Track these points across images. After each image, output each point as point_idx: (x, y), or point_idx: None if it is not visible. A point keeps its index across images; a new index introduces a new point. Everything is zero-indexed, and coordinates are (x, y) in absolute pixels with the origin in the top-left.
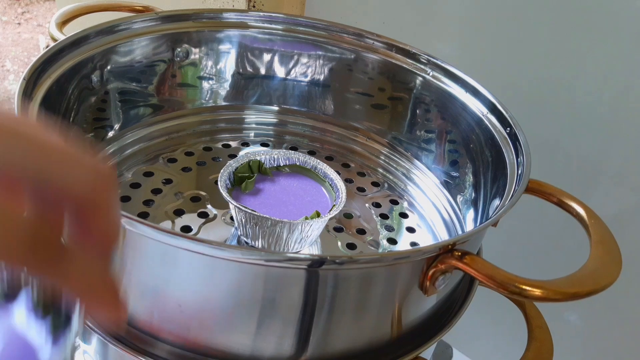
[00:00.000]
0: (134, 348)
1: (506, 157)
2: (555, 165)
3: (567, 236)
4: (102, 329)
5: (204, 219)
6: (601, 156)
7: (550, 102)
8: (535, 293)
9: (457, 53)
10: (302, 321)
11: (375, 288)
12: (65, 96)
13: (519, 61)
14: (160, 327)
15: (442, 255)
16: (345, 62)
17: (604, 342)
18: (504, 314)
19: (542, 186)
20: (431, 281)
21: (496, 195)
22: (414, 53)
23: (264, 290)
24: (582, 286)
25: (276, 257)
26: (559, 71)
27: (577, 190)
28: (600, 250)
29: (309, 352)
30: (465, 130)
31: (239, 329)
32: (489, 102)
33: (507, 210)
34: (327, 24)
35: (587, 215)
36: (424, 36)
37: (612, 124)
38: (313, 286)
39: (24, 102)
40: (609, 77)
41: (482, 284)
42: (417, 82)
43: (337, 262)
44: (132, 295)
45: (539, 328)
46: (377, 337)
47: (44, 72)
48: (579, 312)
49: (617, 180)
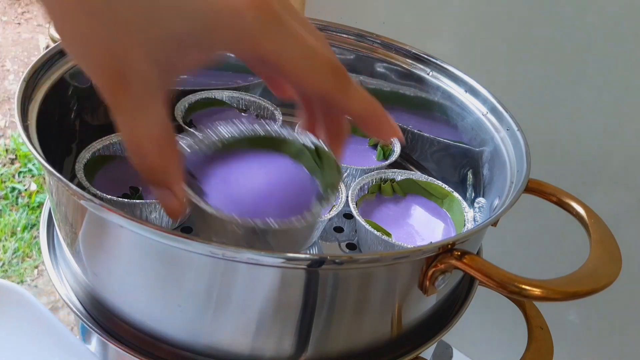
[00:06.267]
0: (133, 348)
1: (506, 157)
2: (555, 165)
3: (567, 236)
4: (101, 328)
5: None
6: (601, 156)
7: (550, 102)
8: (535, 293)
9: (457, 53)
10: (302, 321)
11: (375, 288)
12: (66, 96)
13: (519, 61)
14: (160, 327)
15: (442, 255)
16: (345, 62)
17: (604, 342)
18: (504, 314)
19: (542, 186)
20: (431, 281)
21: (496, 195)
22: (414, 53)
23: (264, 290)
24: (582, 286)
25: (276, 257)
26: (559, 71)
27: (577, 190)
28: (600, 250)
29: (309, 352)
30: (465, 130)
31: (239, 329)
32: (489, 102)
33: (507, 210)
34: (327, 24)
35: (587, 215)
36: (424, 36)
37: (612, 124)
38: (313, 286)
39: (23, 103)
40: (609, 77)
41: (482, 283)
42: (416, 82)
43: (337, 262)
44: (132, 295)
45: (539, 328)
46: (377, 337)
47: (44, 73)
48: (579, 312)
49: (617, 180)
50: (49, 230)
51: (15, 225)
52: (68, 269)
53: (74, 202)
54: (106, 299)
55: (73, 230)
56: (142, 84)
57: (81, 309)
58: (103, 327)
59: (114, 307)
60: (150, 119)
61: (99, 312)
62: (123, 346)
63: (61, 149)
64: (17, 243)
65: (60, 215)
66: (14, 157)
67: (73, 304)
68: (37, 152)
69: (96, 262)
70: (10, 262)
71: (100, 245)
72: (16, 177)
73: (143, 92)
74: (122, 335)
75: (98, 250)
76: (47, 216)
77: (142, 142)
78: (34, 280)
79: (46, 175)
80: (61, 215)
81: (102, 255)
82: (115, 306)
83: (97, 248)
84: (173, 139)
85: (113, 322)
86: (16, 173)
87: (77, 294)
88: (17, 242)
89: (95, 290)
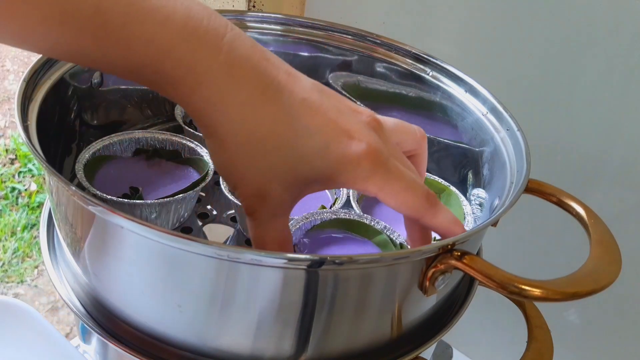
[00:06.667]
0: (134, 348)
1: (506, 157)
2: (555, 165)
3: (567, 236)
4: (102, 329)
5: (204, 219)
6: (601, 156)
7: (550, 102)
8: (535, 293)
9: (457, 53)
10: (302, 321)
11: (375, 288)
12: (66, 96)
13: (519, 61)
14: (160, 327)
15: (442, 255)
16: (345, 62)
17: (604, 342)
18: (504, 314)
19: (542, 186)
20: (431, 281)
21: (496, 195)
22: (414, 53)
23: (265, 291)
24: (582, 286)
25: (277, 257)
26: (559, 71)
27: (577, 190)
28: (600, 250)
29: (309, 352)
30: (465, 130)
31: (239, 329)
32: (489, 102)
33: (507, 210)
34: (327, 24)
35: (587, 215)
36: (424, 36)
37: (612, 124)
38: (313, 286)
39: (23, 103)
40: (609, 77)
41: (481, 284)
42: (416, 82)
43: (336, 262)
44: (132, 296)
45: (539, 328)
46: (377, 337)
47: (44, 73)
48: (579, 312)
49: (617, 180)
50: (49, 230)
51: (15, 225)
52: (68, 269)
53: (74, 202)
54: (106, 299)
55: (73, 230)
56: (276, 204)
57: (81, 309)
58: (103, 327)
59: (114, 307)
60: (276, 228)
61: (99, 312)
62: (123, 346)
63: (61, 149)
64: (17, 243)
65: (60, 215)
66: (14, 157)
67: (73, 304)
68: (37, 152)
69: (96, 262)
70: (10, 262)
71: (100, 246)
72: (16, 177)
73: (275, 209)
74: (122, 336)
75: (98, 251)
76: (47, 216)
77: (267, 244)
78: (34, 280)
79: (46, 175)
80: (61, 215)
81: (102, 256)
82: (115, 306)
83: (98, 248)
84: (290, 241)
85: (113, 322)
86: (16, 173)
87: (77, 294)
88: (17, 242)
89: (95, 290)
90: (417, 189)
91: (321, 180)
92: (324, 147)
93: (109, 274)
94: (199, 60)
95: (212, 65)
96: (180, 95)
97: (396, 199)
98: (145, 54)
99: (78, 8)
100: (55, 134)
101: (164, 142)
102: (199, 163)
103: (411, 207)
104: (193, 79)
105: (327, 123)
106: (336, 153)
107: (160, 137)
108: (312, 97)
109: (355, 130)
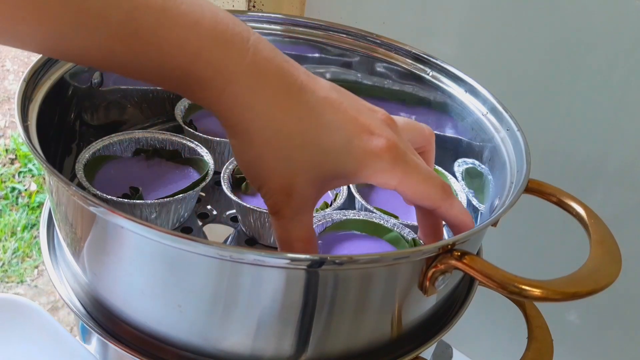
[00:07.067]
0: (134, 348)
1: (506, 157)
2: (555, 165)
3: (567, 236)
4: (102, 329)
5: (204, 219)
6: (601, 156)
7: (551, 102)
8: (535, 293)
9: (457, 53)
10: (302, 321)
11: (375, 288)
12: (66, 96)
13: (519, 61)
14: (160, 327)
15: (442, 255)
16: (345, 62)
17: (604, 342)
18: (504, 314)
19: (542, 186)
20: (431, 281)
21: (496, 195)
22: (414, 53)
23: (264, 290)
24: (582, 286)
25: (279, 257)
26: (559, 71)
27: (577, 190)
28: (600, 250)
29: (309, 352)
30: (465, 130)
31: (239, 329)
32: (489, 102)
33: (507, 210)
34: (327, 24)
35: (587, 215)
36: (424, 36)
37: (612, 124)
38: (313, 286)
39: (23, 103)
40: (609, 77)
41: (482, 284)
42: (416, 82)
43: (337, 262)
44: (132, 296)
45: (539, 328)
46: (377, 337)
47: (44, 73)
48: (579, 312)
49: (617, 181)
50: (49, 230)
51: (15, 225)
52: (68, 269)
53: (74, 202)
54: (106, 299)
55: (73, 230)
56: (301, 200)
57: (81, 309)
58: (103, 327)
59: (114, 307)
60: (302, 227)
61: (99, 312)
62: (123, 346)
63: (61, 149)
64: (17, 243)
65: (60, 215)
66: (14, 157)
67: (73, 304)
68: (37, 152)
69: (96, 262)
70: (10, 262)
71: (100, 246)
72: (16, 177)
73: (300, 206)
74: (122, 336)
75: (98, 251)
76: (47, 216)
77: (293, 242)
78: (34, 280)
79: (46, 175)
80: (61, 215)
81: (102, 256)
82: (115, 306)
83: (98, 248)
84: (315, 239)
85: (113, 322)
86: (16, 173)
87: (77, 294)
88: (17, 242)
89: (95, 290)
90: (435, 181)
91: (344, 175)
92: (347, 142)
93: (109, 274)
94: (228, 62)
95: (240, 66)
96: (208, 97)
97: (415, 191)
98: (176, 57)
99: (110, 14)
100: (55, 134)
101: (164, 142)
102: (199, 163)
103: (430, 198)
104: (222, 79)
105: (349, 120)
106: (359, 148)
107: (160, 137)
108: (333, 96)
109: (374, 127)
